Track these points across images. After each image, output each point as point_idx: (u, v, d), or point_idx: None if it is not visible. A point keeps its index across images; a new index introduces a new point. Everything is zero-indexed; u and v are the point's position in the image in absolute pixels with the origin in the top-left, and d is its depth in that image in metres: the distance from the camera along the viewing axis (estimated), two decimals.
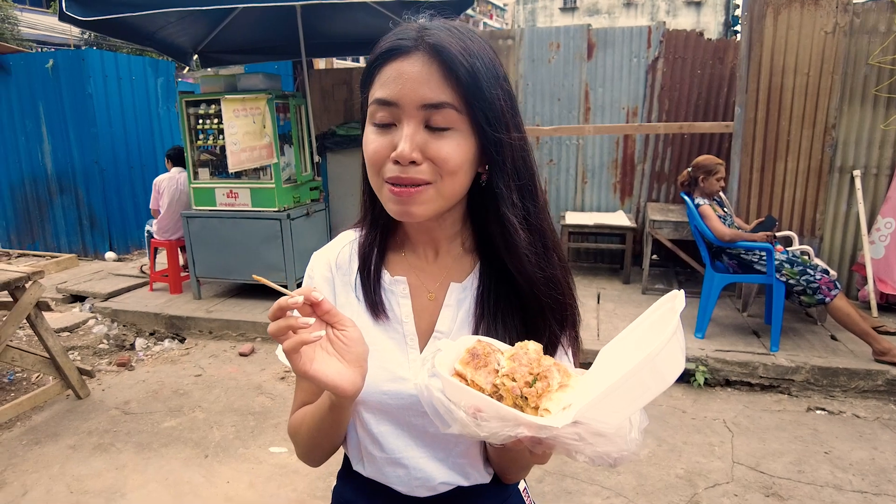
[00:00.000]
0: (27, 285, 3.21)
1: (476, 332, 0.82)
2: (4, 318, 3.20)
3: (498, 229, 0.80)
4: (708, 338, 3.87)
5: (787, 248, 3.94)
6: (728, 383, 3.59)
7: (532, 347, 0.70)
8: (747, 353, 3.63)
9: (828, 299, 3.51)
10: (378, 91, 0.75)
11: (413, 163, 0.73)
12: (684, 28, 5.50)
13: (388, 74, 0.75)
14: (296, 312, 0.67)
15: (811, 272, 3.58)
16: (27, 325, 3.36)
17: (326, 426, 0.81)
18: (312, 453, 0.88)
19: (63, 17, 3.88)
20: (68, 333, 4.66)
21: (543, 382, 0.66)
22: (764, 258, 3.68)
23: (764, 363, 3.52)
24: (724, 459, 2.86)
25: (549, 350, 0.82)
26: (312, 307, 0.68)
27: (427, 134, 0.73)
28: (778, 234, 4.13)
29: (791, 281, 3.60)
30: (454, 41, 0.73)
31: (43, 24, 18.90)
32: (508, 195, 0.79)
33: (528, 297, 0.82)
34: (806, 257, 3.80)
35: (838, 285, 3.55)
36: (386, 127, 0.75)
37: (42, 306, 3.36)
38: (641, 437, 0.64)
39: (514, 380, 0.66)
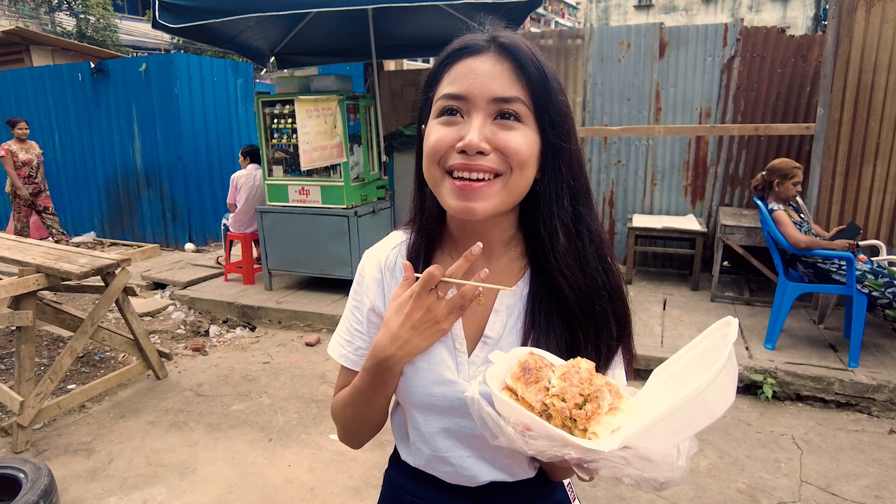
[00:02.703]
0: (116, 271, 3.49)
1: (525, 340, 0.82)
2: (97, 301, 3.49)
3: (545, 232, 0.80)
4: (779, 349, 3.68)
5: (873, 258, 3.69)
6: (799, 398, 3.41)
7: (584, 366, 0.70)
8: (822, 368, 3.43)
9: None
10: (447, 87, 0.77)
11: (480, 153, 0.73)
12: (767, 24, 5.24)
13: (459, 71, 0.76)
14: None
15: None
16: (115, 308, 3.66)
17: (370, 393, 0.86)
18: (353, 428, 0.93)
19: (156, 25, 4.18)
20: (150, 318, 5.00)
21: (593, 404, 0.65)
22: (843, 267, 3.47)
23: (841, 379, 3.32)
24: (790, 477, 2.72)
25: (602, 363, 0.82)
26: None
27: (496, 126, 0.75)
28: (862, 242, 3.87)
29: (875, 293, 3.37)
30: (523, 45, 0.76)
31: (138, 31, 20.33)
32: (559, 198, 0.79)
33: (574, 305, 0.81)
34: (894, 269, 3.55)
35: None
36: (452, 120, 0.76)
37: (129, 291, 3.63)
38: (688, 463, 0.64)
39: (563, 400, 0.65)
